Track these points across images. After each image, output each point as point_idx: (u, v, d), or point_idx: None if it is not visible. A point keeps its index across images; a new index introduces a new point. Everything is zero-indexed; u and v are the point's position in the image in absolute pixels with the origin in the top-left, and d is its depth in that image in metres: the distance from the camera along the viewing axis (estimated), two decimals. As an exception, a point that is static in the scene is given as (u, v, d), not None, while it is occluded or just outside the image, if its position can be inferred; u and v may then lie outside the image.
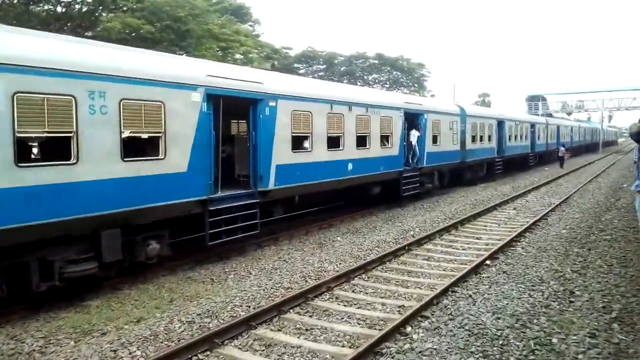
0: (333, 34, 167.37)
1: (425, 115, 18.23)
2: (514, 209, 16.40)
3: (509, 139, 29.10)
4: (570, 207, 16.11)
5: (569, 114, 74.36)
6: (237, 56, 40.89)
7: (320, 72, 65.34)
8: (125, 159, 7.62)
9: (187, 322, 6.38)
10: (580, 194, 19.72)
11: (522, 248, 10.54)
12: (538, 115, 54.01)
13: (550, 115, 64.01)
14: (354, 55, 67.15)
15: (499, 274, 8.52)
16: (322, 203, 16.05)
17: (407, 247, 10.60)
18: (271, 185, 10.76)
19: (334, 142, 13.05)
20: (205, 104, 9.00)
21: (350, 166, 13.66)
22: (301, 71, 62.78)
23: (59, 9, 33.04)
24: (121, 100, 7.51)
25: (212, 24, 34.92)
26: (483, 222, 14.09)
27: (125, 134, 7.61)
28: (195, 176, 8.83)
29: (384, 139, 15.75)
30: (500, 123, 27.47)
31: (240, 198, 10.17)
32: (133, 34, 29.35)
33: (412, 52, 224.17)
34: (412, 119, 17.78)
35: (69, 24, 33.11)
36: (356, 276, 8.64)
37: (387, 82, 71.33)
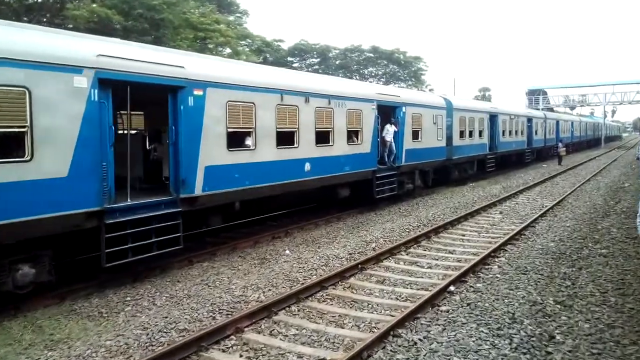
0: (327, 26, 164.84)
1: (404, 108, 16.38)
2: (500, 213, 14.59)
3: (503, 134, 27.22)
4: (563, 211, 14.28)
5: (572, 108, 72.37)
6: (221, 49, 39.15)
7: (314, 65, 63.59)
8: (-36, 163, 5.83)
9: (5, 392, 4.61)
10: (576, 195, 17.88)
11: (499, 267, 8.73)
12: (539, 109, 52.05)
13: (551, 109, 62.06)
14: (348, 49, 65.36)
15: (462, 307, 6.71)
16: (284, 207, 14.25)
17: (360, 266, 8.80)
18: (198, 191, 8.95)
19: (286, 139, 11.23)
20: (97, 91, 7.18)
21: (307, 166, 11.85)
22: (295, 65, 60.98)
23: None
24: (-44, 85, 5.72)
25: (191, 13, 33.06)
26: (462, 230, 12.28)
27: (-35, 129, 5.82)
28: (81, 182, 7.03)
29: (352, 134, 13.92)
30: (493, 117, 25.58)
31: (156, 207, 8.37)
32: (105, 24, 27.53)
33: (411, 46, 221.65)
34: (388, 113, 15.93)
35: (47, 15, 31.37)
36: (282, 309, 6.85)
37: (384, 76, 69.58)
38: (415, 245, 10.70)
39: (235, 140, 9.86)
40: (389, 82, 66.76)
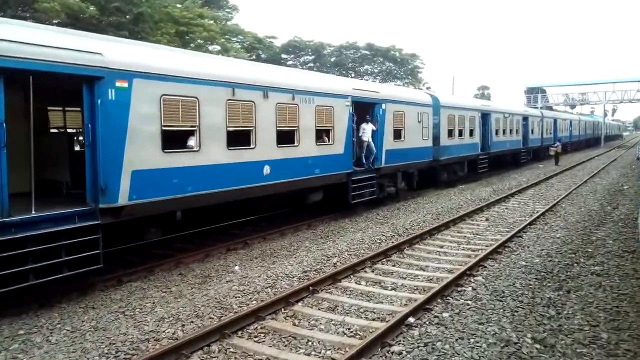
0: (322, 23, 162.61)
1: (383, 105, 15.10)
2: (487, 219, 13.32)
3: (496, 134, 25.96)
4: (555, 219, 13.00)
5: (573, 107, 71.13)
6: (209, 45, 37.93)
7: (309, 63, 62.41)
8: None
9: None
10: (571, 199, 16.60)
11: (473, 289, 7.45)
12: (537, 108, 50.77)
13: (550, 108, 60.78)
14: (343, 46, 64.15)
15: (418, 347, 5.44)
16: (247, 214, 12.98)
17: (311, 288, 7.52)
18: (123, 200, 7.68)
19: (239, 139, 9.97)
20: (-23, 82, 5.92)
21: (266, 169, 10.58)
22: (289, 62, 59.69)
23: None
24: None
25: (172, 6, 31.71)
26: (440, 241, 11.02)
27: None
28: (-45, 193, 5.77)
29: (323, 134, 12.65)
30: (485, 115, 24.31)
31: (68, 220, 7.10)
32: (80, 17, 26.24)
33: (409, 44, 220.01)
34: (365, 110, 14.66)
35: (27, 9, 30.07)
36: (198, 350, 5.58)
37: (380, 74, 68.42)
38: (384, 260, 9.44)
39: (174, 140, 8.60)
40: (385, 80, 65.64)
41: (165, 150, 8.31)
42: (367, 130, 14.60)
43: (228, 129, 9.54)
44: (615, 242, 10.28)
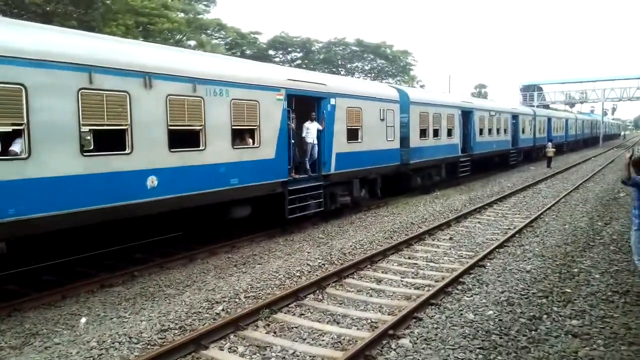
0: (309, 18, 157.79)
1: (332, 100, 12.67)
2: (451, 239, 10.91)
3: (480, 133, 23.53)
4: (531, 240, 10.53)
5: (572, 106, 68.74)
6: (184, 40, 35.59)
7: (297, 60, 60.14)
8: None
9: None
10: (557, 210, 14.16)
11: (387, 367, 5.03)
12: (533, 106, 48.34)
13: (547, 106, 58.42)
14: (332, 42, 61.78)
15: None
16: (143, 236, 10.56)
17: (151, 364, 5.10)
18: None
19: (105, 142, 7.55)
20: None
21: (152, 181, 8.15)
22: (276, 59, 57.35)
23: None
24: None
25: (132, -4, 29.19)
26: (381, 271, 8.63)
27: None
28: None
29: (245, 135, 10.26)
30: (467, 113, 21.90)
31: None
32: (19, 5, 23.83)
33: (403, 42, 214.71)
34: (308, 105, 12.24)
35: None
36: None
37: (372, 72, 66.17)
38: (292, 305, 7.02)
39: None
40: (377, 78, 63.36)
41: (-35, 160, 5.89)
42: (311, 130, 12.22)
43: (82, 129, 7.10)
44: (604, 276, 7.84)
